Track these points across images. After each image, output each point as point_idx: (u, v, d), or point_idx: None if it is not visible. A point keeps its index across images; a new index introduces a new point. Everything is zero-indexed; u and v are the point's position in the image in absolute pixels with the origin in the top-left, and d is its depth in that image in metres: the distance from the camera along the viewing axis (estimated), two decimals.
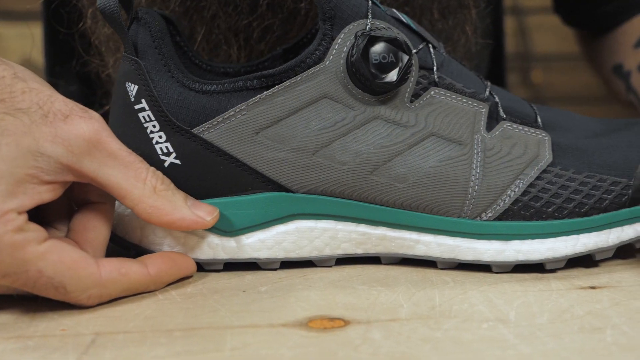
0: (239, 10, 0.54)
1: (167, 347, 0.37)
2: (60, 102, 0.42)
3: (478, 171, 0.45)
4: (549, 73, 1.34)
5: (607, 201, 0.46)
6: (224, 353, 0.37)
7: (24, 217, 0.40)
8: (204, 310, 0.41)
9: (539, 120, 0.48)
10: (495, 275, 0.46)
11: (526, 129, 0.47)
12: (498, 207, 0.45)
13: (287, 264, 0.47)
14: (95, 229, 0.44)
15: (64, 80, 0.69)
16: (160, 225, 0.43)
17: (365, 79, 0.44)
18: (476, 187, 0.45)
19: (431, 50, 0.47)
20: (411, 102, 0.46)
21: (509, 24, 1.29)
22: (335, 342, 0.38)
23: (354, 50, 0.44)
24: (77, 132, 0.42)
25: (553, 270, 0.46)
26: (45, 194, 0.41)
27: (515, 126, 0.47)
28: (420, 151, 0.45)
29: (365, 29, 0.45)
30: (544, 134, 0.47)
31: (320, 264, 0.47)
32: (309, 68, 0.45)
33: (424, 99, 0.46)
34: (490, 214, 0.45)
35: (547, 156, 0.46)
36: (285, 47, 0.52)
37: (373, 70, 0.44)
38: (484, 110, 0.47)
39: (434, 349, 0.37)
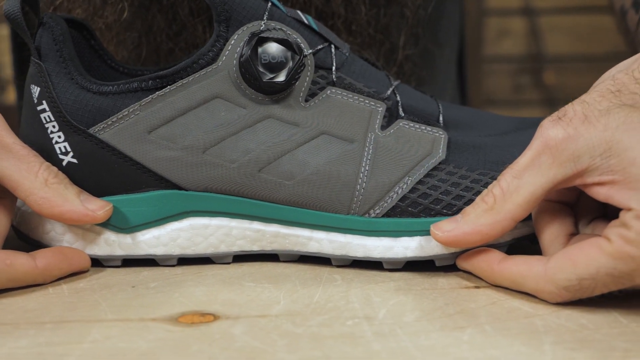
0: None
1: (32, 339, 0.39)
2: None
3: (367, 169, 0.45)
4: (561, 74, 1.31)
5: None
6: (83, 345, 0.38)
7: None
8: (85, 305, 0.43)
9: (441, 119, 0.48)
10: (386, 273, 0.46)
11: (423, 127, 0.47)
12: (386, 204, 0.45)
13: (187, 261, 0.48)
14: None
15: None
16: (51, 217, 0.45)
17: (254, 79, 0.45)
18: (364, 184, 0.45)
19: (332, 50, 0.47)
20: (306, 101, 0.46)
21: (521, 24, 1.27)
22: (194, 337, 0.38)
23: (244, 50, 0.45)
24: None
25: (450, 269, 0.46)
26: None
27: (411, 124, 0.47)
28: (309, 149, 0.45)
29: (259, 29, 0.46)
30: (440, 132, 0.47)
31: (218, 261, 0.48)
32: (201, 69, 0.45)
33: (320, 98, 0.46)
34: (378, 211, 0.45)
35: (439, 154, 0.46)
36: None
37: (262, 70, 0.45)
38: (381, 109, 0.47)
39: (286, 345, 0.37)
